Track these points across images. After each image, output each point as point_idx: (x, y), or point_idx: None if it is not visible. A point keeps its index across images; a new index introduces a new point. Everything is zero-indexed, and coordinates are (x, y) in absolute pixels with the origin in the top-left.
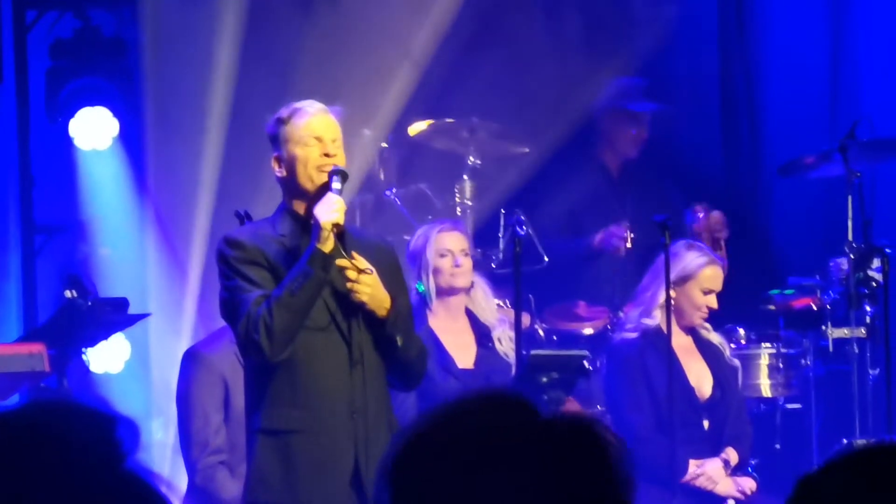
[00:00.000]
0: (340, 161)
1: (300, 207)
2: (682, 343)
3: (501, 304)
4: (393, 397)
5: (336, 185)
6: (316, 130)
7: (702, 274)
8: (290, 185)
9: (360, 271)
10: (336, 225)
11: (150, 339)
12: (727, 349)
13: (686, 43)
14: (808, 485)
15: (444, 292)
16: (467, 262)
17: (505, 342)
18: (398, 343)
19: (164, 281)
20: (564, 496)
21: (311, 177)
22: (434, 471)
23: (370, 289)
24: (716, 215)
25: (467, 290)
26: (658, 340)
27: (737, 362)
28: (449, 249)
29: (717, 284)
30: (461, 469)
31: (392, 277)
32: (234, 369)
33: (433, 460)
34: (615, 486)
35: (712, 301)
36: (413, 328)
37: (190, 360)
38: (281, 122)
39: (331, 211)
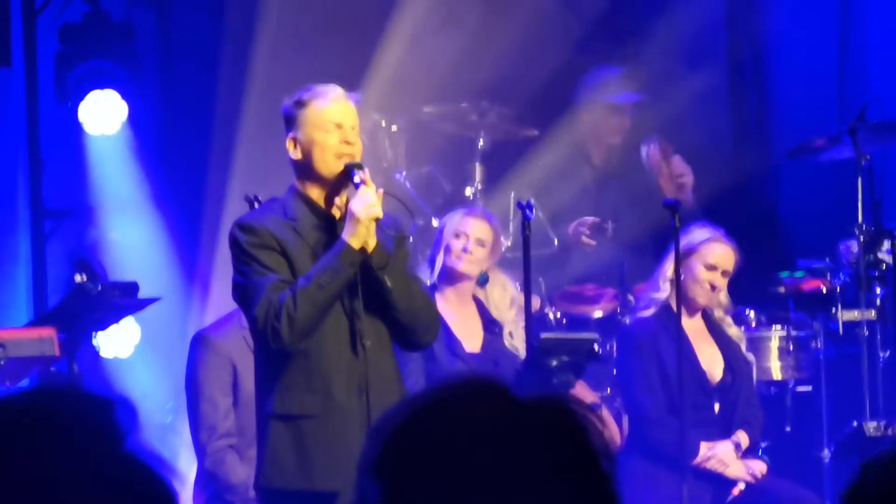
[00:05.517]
0: (358, 149)
1: (313, 191)
2: (694, 326)
3: (516, 289)
4: (403, 381)
5: (357, 178)
6: (336, 116)
7: (704, 248)
8: (305, 169)
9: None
10: (376, 219)
11: (160, 324)
12: (744, 343)
13: (695, 26)
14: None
15: (447, 274)
16: (478, 252)
17: (517, 339)
18: (388, 285)
19: (173, 265)
20: (549, 475)
21: (327, 162)
22: (420, 461)
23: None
24: (677, 159)
25: (481, 283)
26: (670, 323)
27: (752, 357)
28: (465, 233)
29: (723, 262)
30: (445, 457)
31: (396, 245)
32: (242, 353)
33: (417, 451)
34: (596, 459)
35: (717, 279)
36: (413, 284)
37: (198, 344)
38: (300, 104)
39: (368, 206)
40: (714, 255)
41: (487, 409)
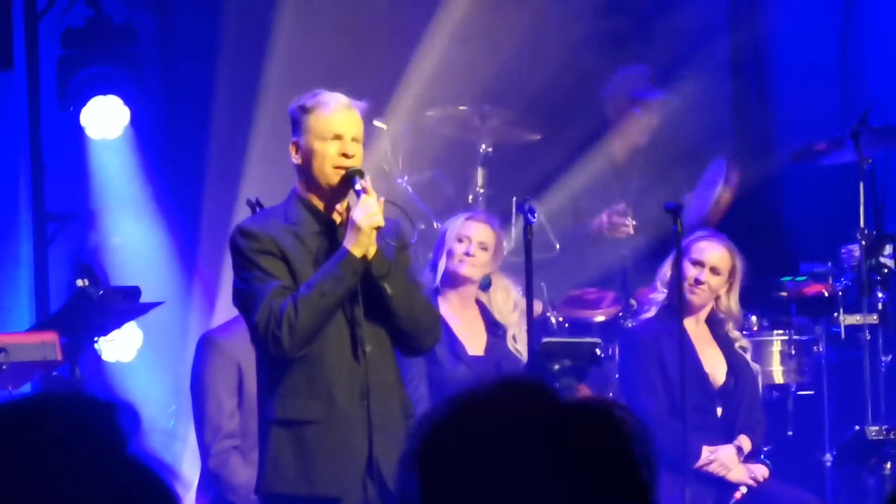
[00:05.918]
0: (358, 161)
1: (313, 196)
2: (697, 331)
3: (518, 293)
4: (405, 384)
5: (359, 185)
6: (337, 128)
7: (692, 245)
8: (305, 175)
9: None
10: (377, 227)
11: (163, 328)
12: (749, 353)
13: (697, 30)
14: None
15: (450, 278)
16: (481, 256)
17: (520, 343)
18: (388, 292)
19: (175, 269)
20: (588, 480)
21: (325, 172)
22: (460, 459)
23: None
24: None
25: (484, 287)
26: (673, 326)
27: (757, 367)
28: (468, 237)
29: (710, 259)
30: (486, 456)
31: (397, 252)
32: (248, 355)
33: (458, 448)
34: (636, 467)
35: (703, 274)
36: (413, 289)
37: (204, 345)
38: (304, 109)
39: (370, 215)
40: (700, 251)
41: (530, 410)
